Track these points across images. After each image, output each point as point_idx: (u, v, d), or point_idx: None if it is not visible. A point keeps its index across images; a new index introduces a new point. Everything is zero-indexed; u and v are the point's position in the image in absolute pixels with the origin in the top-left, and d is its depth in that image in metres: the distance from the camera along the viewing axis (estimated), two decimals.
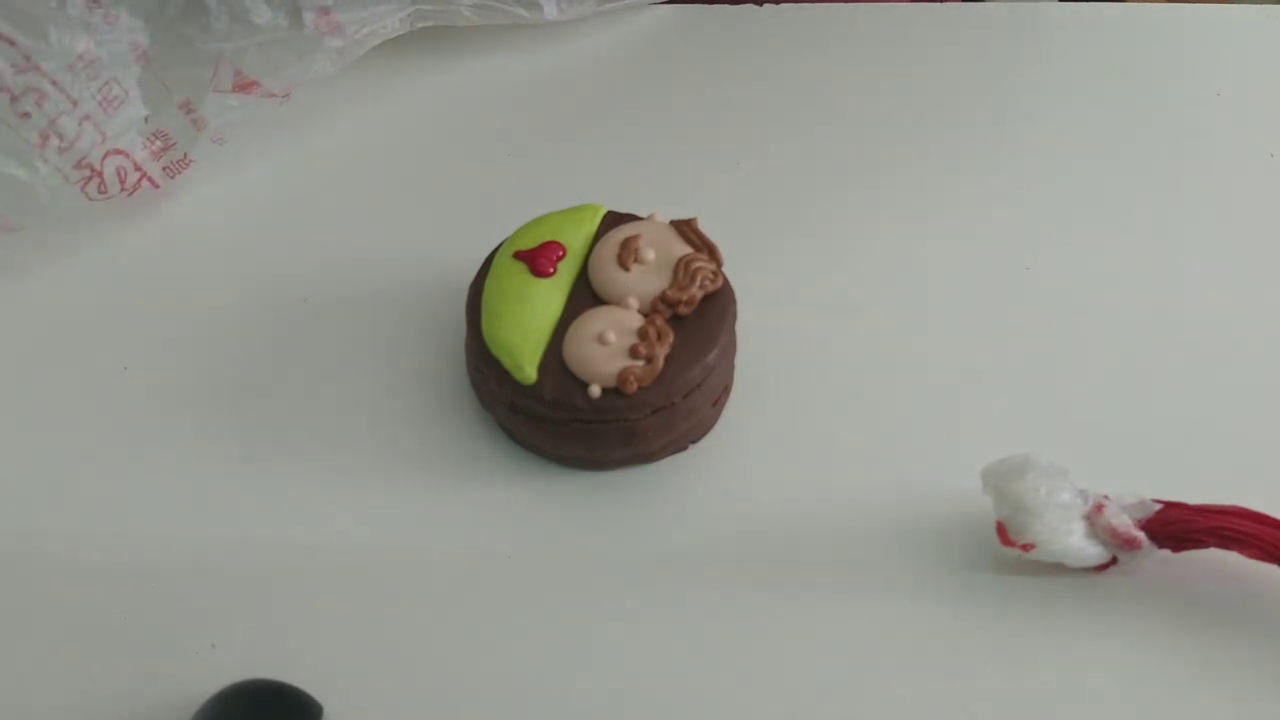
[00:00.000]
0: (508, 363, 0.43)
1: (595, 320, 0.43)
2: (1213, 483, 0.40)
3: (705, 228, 0.45)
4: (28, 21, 0.45)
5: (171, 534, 0.43)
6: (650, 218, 0.46)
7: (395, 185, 0.53)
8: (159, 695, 0.40)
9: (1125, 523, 0.40)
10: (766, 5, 0.59)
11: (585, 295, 0.44)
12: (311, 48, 0.51)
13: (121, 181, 0.49)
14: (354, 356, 0.47)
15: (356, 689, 0.40)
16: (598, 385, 0.42)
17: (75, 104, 0.46)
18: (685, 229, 0.45)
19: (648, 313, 0.43)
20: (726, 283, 0.45)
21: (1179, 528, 0.40)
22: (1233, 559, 0.40)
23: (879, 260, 0.50)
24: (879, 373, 0.46)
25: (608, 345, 0.42)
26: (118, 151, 0.48)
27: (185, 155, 0.51)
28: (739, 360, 0.46)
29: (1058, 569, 0.41)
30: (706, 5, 0.59)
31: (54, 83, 0.46)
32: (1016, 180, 0.53)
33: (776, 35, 0.58)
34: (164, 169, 0.51)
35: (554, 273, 0.44)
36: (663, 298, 0.43)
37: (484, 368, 0.43)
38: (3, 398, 0.47)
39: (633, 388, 0.42)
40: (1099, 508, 0.40)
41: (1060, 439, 0.44)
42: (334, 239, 0.51)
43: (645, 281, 0.44)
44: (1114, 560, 0.40)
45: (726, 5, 0.59)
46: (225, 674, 0.39)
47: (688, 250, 0.44)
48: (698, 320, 0.43)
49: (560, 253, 0.45)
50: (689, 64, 0.57)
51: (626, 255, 0.44)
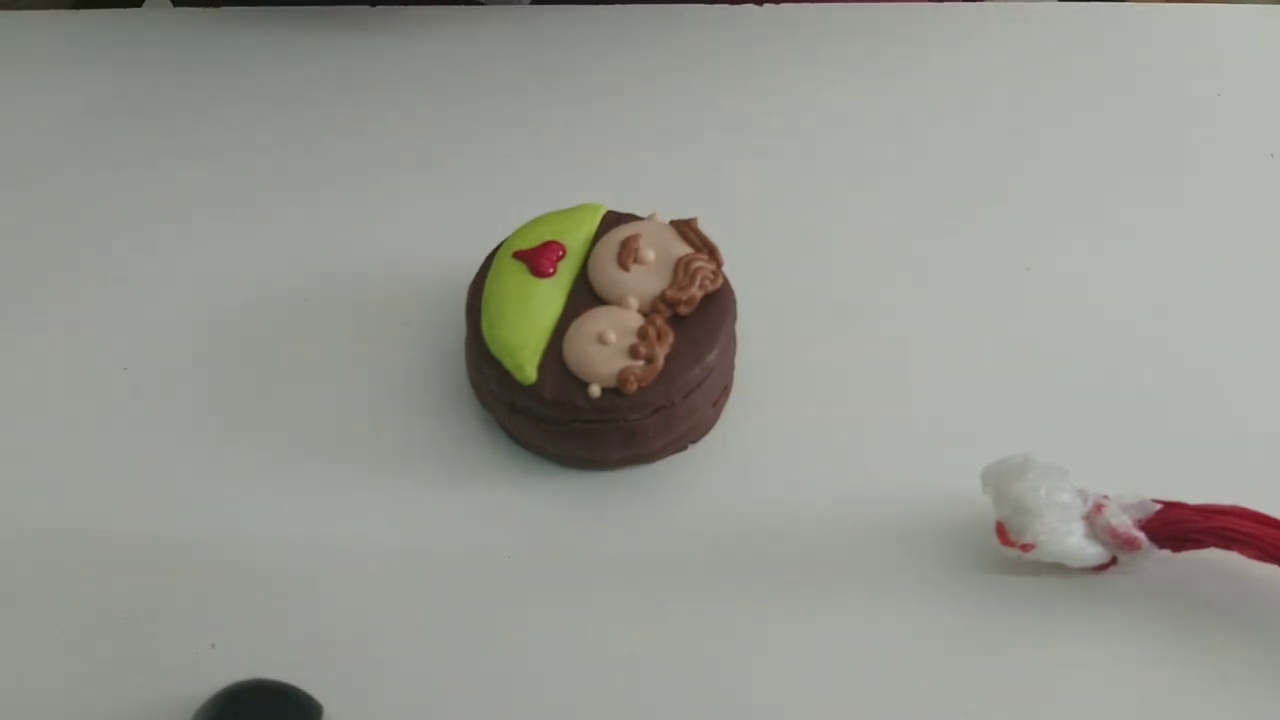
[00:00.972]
0: (508, 363, 0.43)
1: (595, 320, 0.43)
2: (1213, 483, 0.40)
3: (705, 228, 0.45)
4: None
5: (172, 534, 0.43)
6: (650, 218, 0.46)
7: (395, 185, 0.53)
8: (159, 695, 0.39)
9: (1125, 523, 0.40)
10: (766, 5, 0.59)
11: (585, 295, 0.44)
12: None
13: None
14: (354, 356, 0.47)
15: (356, 689, 0.40)
16: (598, 385, 0.42)
17: None
18: (685, 229, 0.45)
19: (648, 313, 0.43)
20: (726, 283, 0.45)
21: (1179, 528, 0.40)
22: (1233, 559, 0.40)
23: (879, 260, 0.50)
24: (879, 373, 0.46)
25: (608, 345, 0.42)
26: None
27: None
28: (739, 360, 0.46)
29: (1058, 569, 0.41)
30: (706, 5, 0.59)
31: None
32: (1016, 180, 0.53)
33: (776, 35, 0.58)
34: None
35: (554, 273, 0.44)
36: (663, 298, 0.43)
37: (484, 368, 0.43)
38: (3, 398, 0.47)
39: (633, 387, 0.42)
40: (1099, 508, 0.40)
41: (1060, 439, 0.44)
42: (334, 239, 0.51)
43: (645, 281, 0.44)
44: (1114, 560, 0.40)
45: (726, 5, 0.59)
46: (225, 674, 0.39)
47: (688, 250, 0.44)
48: (698, 320, 0.43)
49: (560, 253, 0.45)
50: (689, 64, 0.57)
51: (626, 255, 0.44)
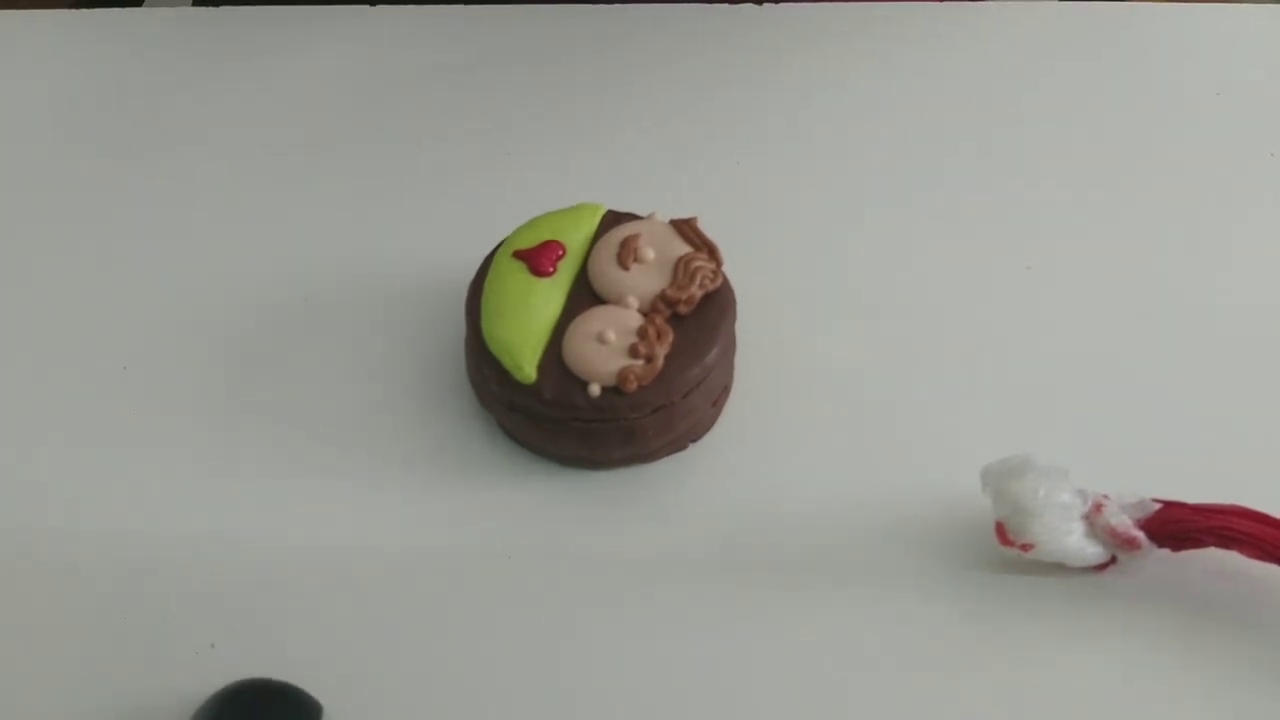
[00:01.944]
0: (507, 362, 0.43)
1: (595, 319, 0.43)
2: (1213, 483, 0.40)
3: (705, 228, 0.45)
4: None
5: (171, 534, 0.43)
6: (650, 217, 0.46)
7: (395, 184, 0.53)
8: (159, 695, 0.39)
9: (1125, 522, 0.40)
10: (766, 5, 0.59)
11: (585, 294, 0.44)
12: None
13: None
14: (354, 356, 0.47)
15: (356, 689, 0.40)
16: (597, 384, 0.42)
17: None
18: (685, 229, 0.45)
19: (647, 312, 0.43)
20: (726, 282, 0.44)
21: (1179, 527, 0.40)
22: (1233, 559, 0.40)
23: (879, 260, 0.50)
24: (879, 372, 0.46)
25: (607, 344, 0.42)
26: None
27: None
28: (739, 360, 0.46)
29: (1057, 569, 0.41)
30: (706, 5, 0.59)
31: None
32: (1017, 180, 0.52)
33: (776, 35, 0.58)
34: None
35: (554, 272, 0.44)
36: (662, 297, 0.43)
37: (484, 367, 0.43)
38: (3, 398, 0.47)
39: (632, 387, 0.42)
40: (1098, 507, 0.40)
41: (1060, 439, 0.44)
42: (334, 239, 0.51)
43: (645, 281, 0.44)
44: (1114, 560, 0.40)
45: (726, 5, 0.59)
46: (225, 674, 0.39)
47: (687, 250, 0.44)
48: (697, 320, 0.43)
49: (560, 252, 0.45)
50: (689, 64, 0.57)
51: (626, 255, 0.44)
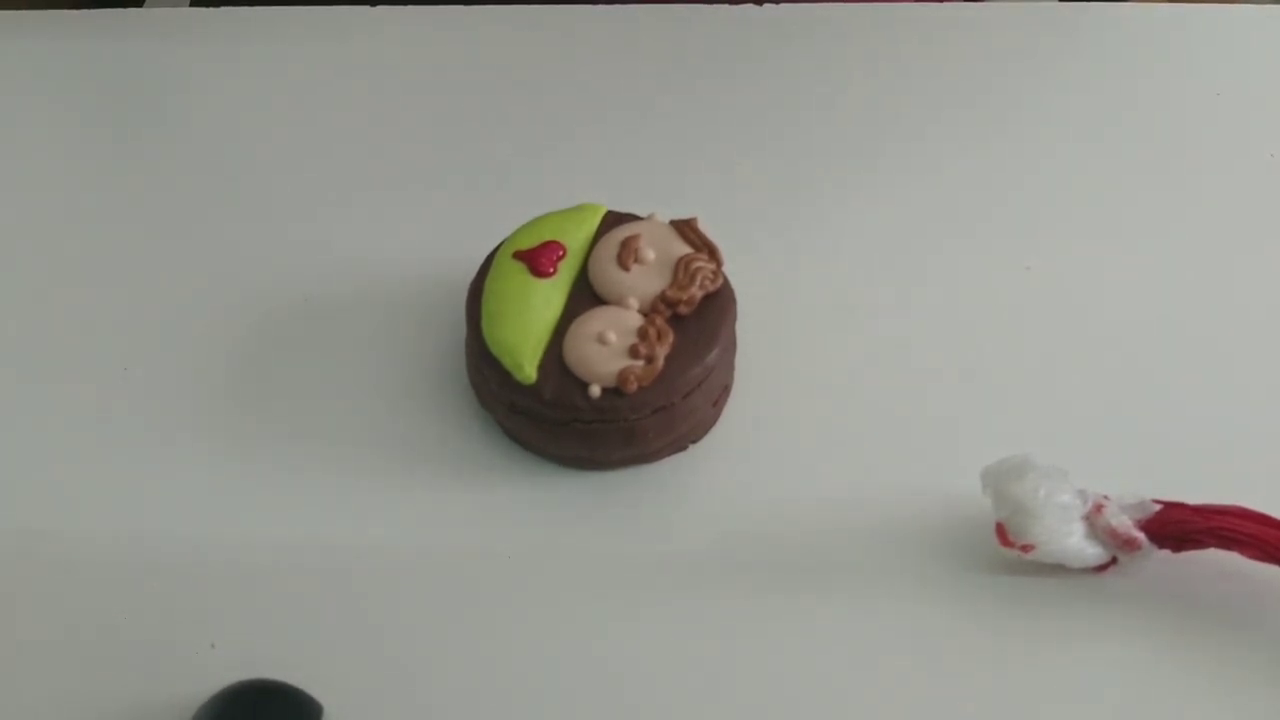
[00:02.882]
0: (508, 363, 0.43)
1: (595, 320, 0.43)
2: (1213, 483, 0.40)
3: (705, 228, 0.45)
4: None
5: (171, 534, 0.43)
6: (650, 218, 0.46)
7: (395, 184, 0.53)
8: (159, 695, 0.39)
9: (1125, 523, 0.40)
10: (766, 5, 0.59)
11: (585, 295, 0.44)
12: None
13: None
14: (354, 356, 0.47)
15: (356, 689, 0.40)
16: (598, 385, 0.42)
17: None
18: (685, 229, 0.45)
19: (648, 312, 0.43)
20: (726, 283, 0.44)
21: (1179, 528, 0.40)
22: (1233, 559, 0.40)
23: (879, 260, 0.50)
24: (879, 373, 0.46)
25: (608, 345, 0.42)
26: None
27: None
28: (739, 360, 0.46)
29: (1057, 569, 0.41)
30: (706, 5, 0.59)
31: None
32: (1016, 180, 0.52)
33: (776, 35, 0.58)
34: None
35: (554, 273, 0.44)
36: (663, 297, 0.43)
37: (484, 368, 0.43)
38: (3, 398, 0.47)
39: (633, 387, 0.42)
40: (1098, 508, 0.40)
41: (1060, 439, 0.44)
42: (334, 239, 0.51)
43: (645, 281, 0.44)
44: (1114, 561, 0.40)
45: (726, 5, 0.59)
46: (225, 674, 0.39)
47: (688, 250, 0.44)
48: (698, 320, 0.43)
49: (560, 253, 0.45)
50: (689, 64, 0.57)
51: (626, 255, 0.44)
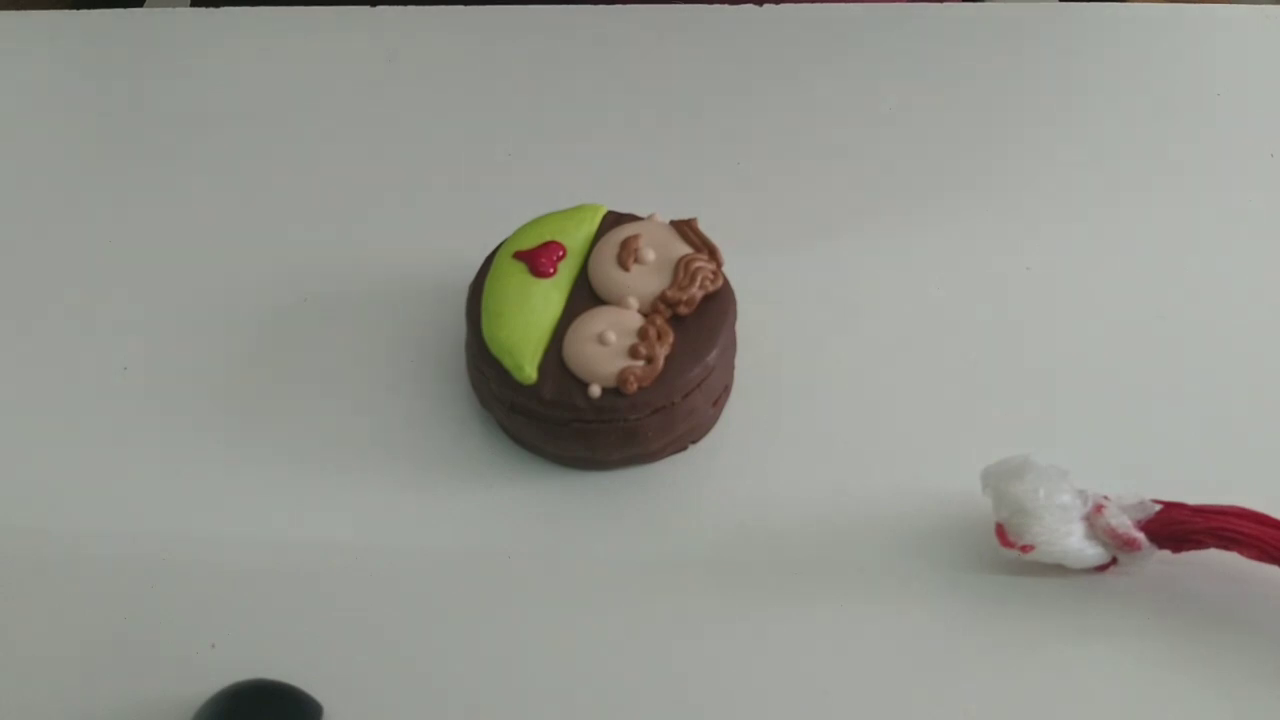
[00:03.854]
0: (508, 363, 0.43)
1: (595, 320, 0.43)
2: (1213, 483, 0.40)
3: (705, 228, 0.45)
4: None
5: (171, 533, 0.43)
6: (650, 218, 0.46)
7: (395, 185, 0.53)
8: (159, 695, 0.40)
9: (1125, 524, 0.40)
10: (766, 5, 0.59)
11: (585, 295, 0.44)
12: None
13: None
14: (354, 356, 0.47)
15: (356, 689, 0.40)
16: (598, 385, 0.42)
17: None
18: (685, 229, 0.45)
19: (648, 313, 0.43)
20: (726, 283, 0.44)
21: (1179, 528, 0.40)
22: (1233, 559, 0.40)
23: (879, 260, 0.50)
24: (879, 373, 0.46)
25: (608, 345, 0.42)
26: None
27: None
28: (739, 360, 0.46)
29: (1058, 570, 0.41)
30: (706, 5, 0.59)
31: None
32: (1017, 180, 0.53)
33: (776, 35, 0.58)
34: None
35: (554, 273, 0.44)
36: (663, 298, 0.43)
37: (484, 368, 0.43)
38: (3, 398, 0.47)
39: (633, 388, 0.42)
40: (1098, 509, 0.40)
41: (1060, 439, 0.44)
42: (334, 239, 0.51)
43: (645, 281, 0.44)
44: (1114, 561, 0.40)
45: (726, 5, 0.59)
46: (225, 674, 0.39)
47: (688, 250, 0.44)
48: (698, 320, 0.43)
49: (560, 253, 0.45)
50: (689, 64, 0.57)
51: (626, 255, 0.44)
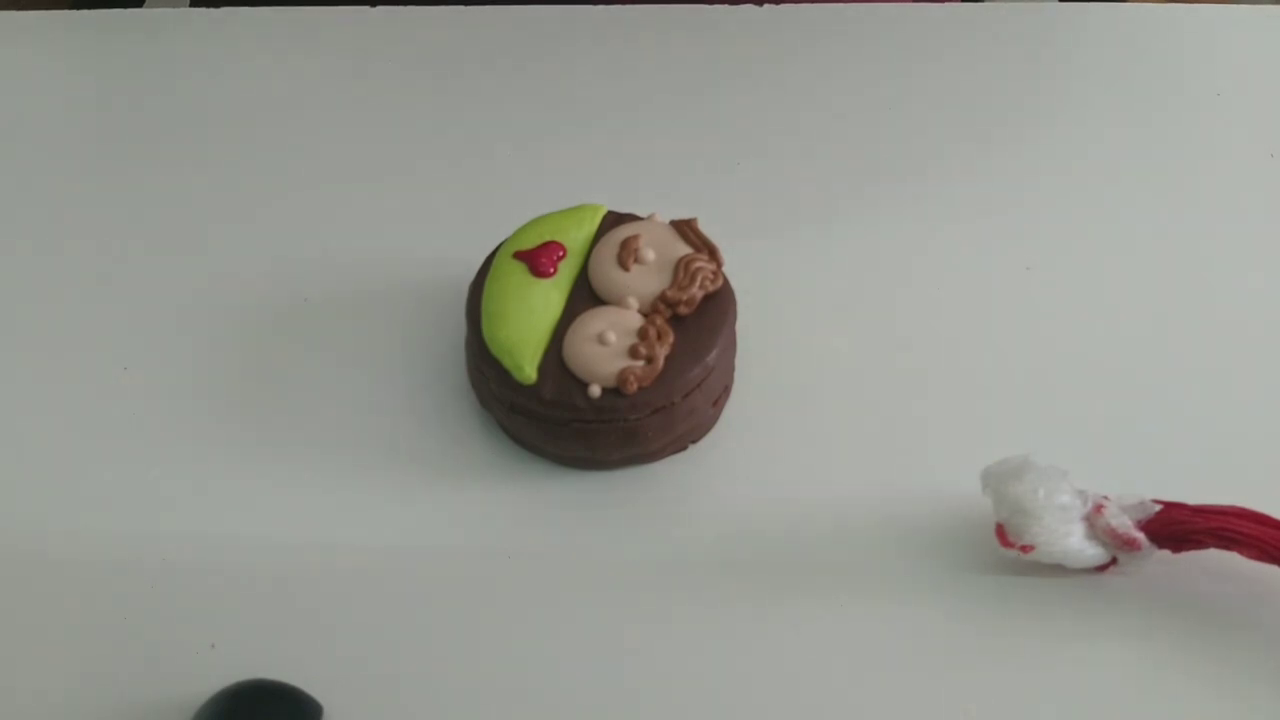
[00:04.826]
0: (507, 363, 0.43)
1: (595, 320, 0.43)
2: (1213, 483, 0.40)
3: (705, 228, 0.45)
4: None
5: (171, 534, 0.43)
6: (650, 218, 0.46)
7: (395, 185, 0.53)
8: (159, 695, 0.40)
9: (1125, 524, 0.40)
10: (766, 5, 0.59)
11: (585, 295, 0.44)
12: None
13: None
14: (354, 356, 0.47)
15: (356, 689, 0.40)
16: (598, 385, 0.42)
17: None
18: (685, 229, 0.45)
19: (648, 313, 0.43)
20: (726, 283, 0.44)
21: (1179, 528, 0.40)
22: (1233, 559, 0.40)
23: (879, 260, 0.50)
24: (879, 373, 0.46)
25: (608, 345, 0.42)
26: None
27: None
28: (739, 360, 0.46)
29: (1058, 570, 0.41)
30: (706, 5, 0.59)
31: None
32: (1017, 181, 0.52)
33: (776, 35, 0.58)
34: None
35: (554, 273, 0.44)
36: (663, 298, 0.43)
37: (484, 368, 0.43)
38: (3, 398, 0.47)
39: (633, 388, 0.42)
40: (1098, 509, 0.40)
41: (1060, 439, 0.44)
42: (334, 239, 0.51)
43: (645, 281, 0.44)
44: (1114, 561, 0.40)
45: (726, 5, 0.59)
46: (225, 674, 0.39)
47: (688, 250, 0.44)
48: (698, 320, 0.43)
49: (560, 253, 0.45)
50: (689, 64, 0.57)
51: (626, 255, 0.44)
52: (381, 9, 0.59)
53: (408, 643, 0.41)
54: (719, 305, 0.44)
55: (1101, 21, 0.59)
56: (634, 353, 0.42)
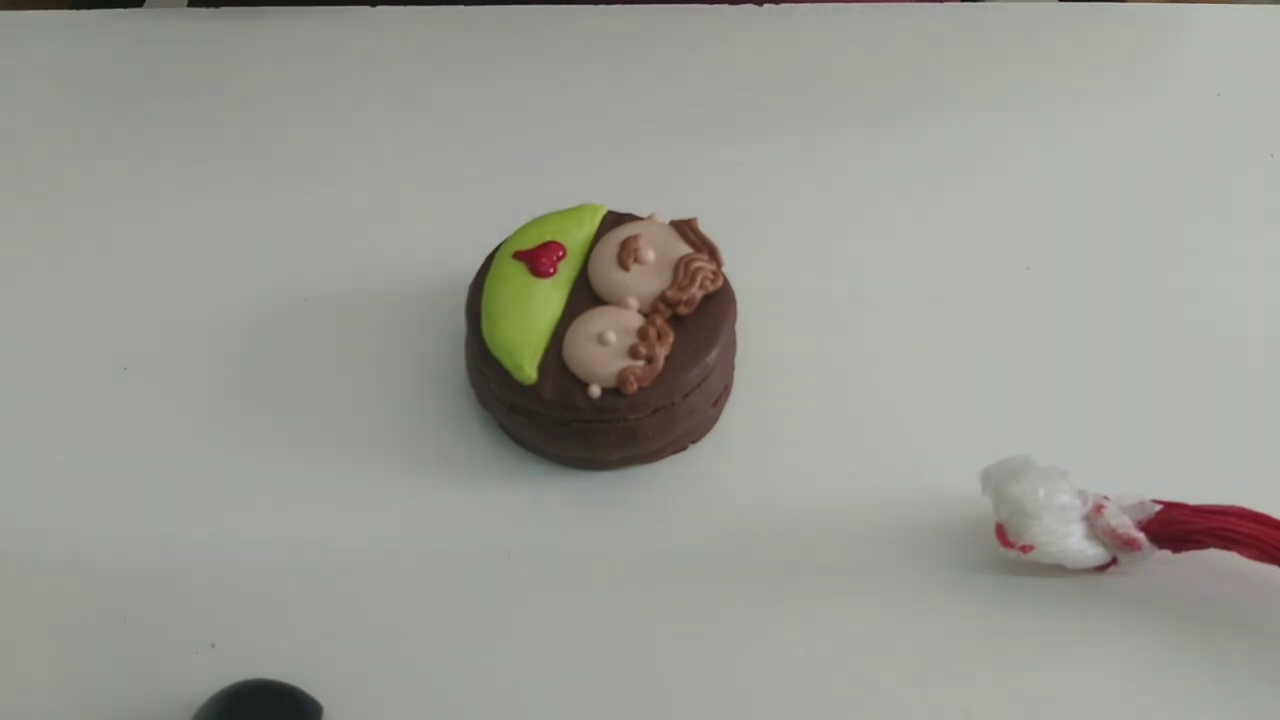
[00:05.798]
0: (507, 363, 0.43)
1: (595, 320, 0.43)
2: (1213, 483, 0.40)
3: (705, 228, 0.45)
4: None
5: (171, 534, 0.43)
6: (650, 218, 0.46)
7: (395, 185, 0.53)
8: (159, 695, 0.40)
9: (1125, 524, 0.40)
10: (766, 5, 0.59)
11: (585, 295, 0.44)
12: None
13: None
14: (354, 356, 0.47)
15: (356, 689, 0.40)
16: (598, 385, 0.42)
17: None
18: (685, 229, 0.45)
19: (648, 313, 0.43)
20: (726, 283, 0.44)
21: (1179, 528, 0.40)
22: (1233, 559, 0.40)
23: (879, 260, 0.50)
24: (879, 373, 0.46)
25: (608, 345, 0.42)
26: None
27: None
28: (739, 360, 0.46)
29: (1057, 570, 0.41)
30: (706, 5, 0.59)
31: None
32: (1017, 180, 0.52)
33: (776, 35, 0.58)
34: None
35: (554, 273, 0.44)
36: (663, 298, 0.43)
37: (484, 368, 0.43)
38: (3, 398, 0.47)
39: (633, 388, 0.42)
40: (1098, 509, 0.40)
41: (1060, 439, 0.44)
42: (334, 239, 0.51)
43: (645, 281, 0.44)
44: (1114, 561, 0.40)
45: (726, 5, 0.59)
46: (225, 674, 0.39)
47: (688, 250, 0.44)
48: (698, 320, 0.43)
49: (560, 253, 0.45)
50: (689, 64, 0.57)
51: (626, 255, 0.44)
52: (381, 9, 0.59)
53: (408, 642, 0.41)
54: (719, 305, 0.44)
55: (1101, 21, 0.59)
56: (634, 353, 0.42)
